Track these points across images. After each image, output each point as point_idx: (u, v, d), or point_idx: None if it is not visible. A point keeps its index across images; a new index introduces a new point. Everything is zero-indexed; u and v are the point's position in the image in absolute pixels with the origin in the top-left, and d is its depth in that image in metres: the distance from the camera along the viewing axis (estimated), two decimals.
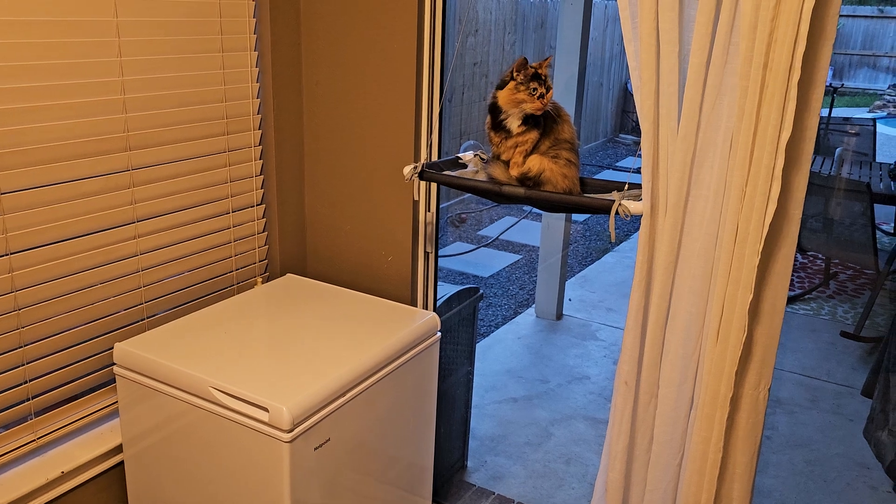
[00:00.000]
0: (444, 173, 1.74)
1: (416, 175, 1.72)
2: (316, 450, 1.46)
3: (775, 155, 1.27)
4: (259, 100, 1.95)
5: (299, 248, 2.17)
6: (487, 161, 1.73)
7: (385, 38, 1.88)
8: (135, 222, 1.72)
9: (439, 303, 2.15)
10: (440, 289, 2.15)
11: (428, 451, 1.88)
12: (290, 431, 1.38)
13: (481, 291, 2.41)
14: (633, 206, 1.45)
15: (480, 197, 1.73)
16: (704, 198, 1.40)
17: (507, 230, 5.42)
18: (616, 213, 1.47)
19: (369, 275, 2.08)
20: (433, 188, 1.99)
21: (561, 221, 3.82)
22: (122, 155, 1.66)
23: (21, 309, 1.53)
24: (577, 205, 1.62)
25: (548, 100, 1.56)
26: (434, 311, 1.99)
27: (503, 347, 3.58)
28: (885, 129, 6.18)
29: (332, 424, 1.49)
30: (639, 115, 1.40)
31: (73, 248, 1.60)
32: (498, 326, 3.83)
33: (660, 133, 1.39)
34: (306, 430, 1.42)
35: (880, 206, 3.84)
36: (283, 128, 2.02)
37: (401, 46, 1.86)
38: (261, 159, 2.00)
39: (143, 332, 1.70)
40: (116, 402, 1.68)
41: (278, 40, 1.94)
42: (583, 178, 1.64)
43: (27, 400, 1.58)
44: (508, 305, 4.12)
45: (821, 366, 3.47)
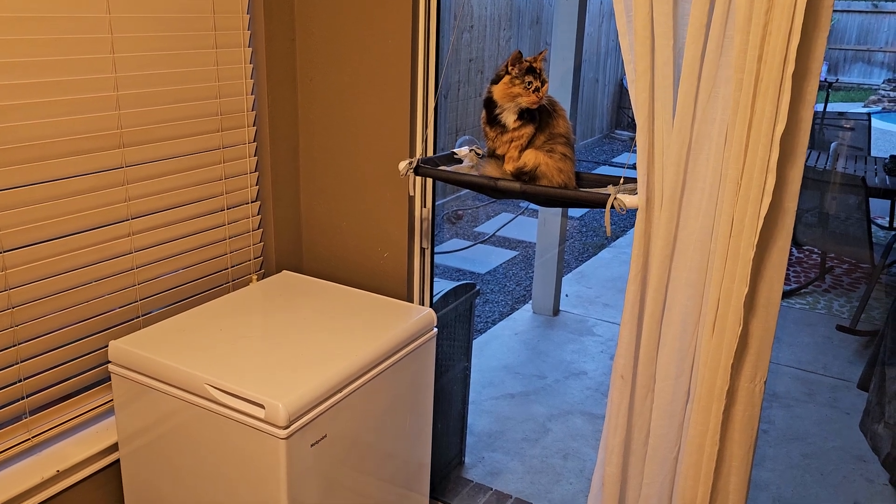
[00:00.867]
0: (440, 168, 1.74)
1: (412, 170, 1.71)
2: (312, 446, 1.46)
3: (770, 147, 1.26)
4: (253, 96, 1.95)
5: (295, 244, 2.16)
6: (483, 156, 1.73)
7: (380, 33, 1.87)
8: (129, 219, 1.71)
9: (436, 299, 2.15)
10: (436, 285, 2.15)
11: (425, 447, 1.88)
12: (286, 428, 1.38)
13: (478, 287, 2.40)
14: (628, 200, 1.45)
15: (476, 192, 1.72)
16: (700, 190, 1.39)
17: (503, 226, 5.42)
18: (611, 207, 1.46)
19: (365, 271, 2.08)
20: (429, 184, 1.99)
21: (557, 217, 3.81)
22: (115, 152, 1.65)
23: (15, 307, 1.52)
24: (573, 199, 1.62)
25: (543, 93, 1.56)
26: (430, 307, 1.98)
27: (500, 343, 3.58)
28: (879, 123, 6.19)
29: (329, 421, 1.48)
30: (634, 108, 1.39)
31: (66, 246, 1.59)
32: (495, 322, 3.83)
33: (655, 126, 1.39)
34: (302, 427, 1.42)
35: (875, 200, 3.86)
36: (277, 124, 2.01)
37: (396, 42, 1.86)
38: (255, 156, 2.00)
39: (138, 330, 1.69)
40: (111, 400, 1.67)
41: (272, 36, 1.94)
42: (578, 173, 1.64)
43: (22, 398, 1.57)
44: (505, 301, 4.12)
45: (817, 360, 3.48)
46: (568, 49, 3.56)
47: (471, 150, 1.79)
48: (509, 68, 1.56)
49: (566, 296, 4.11)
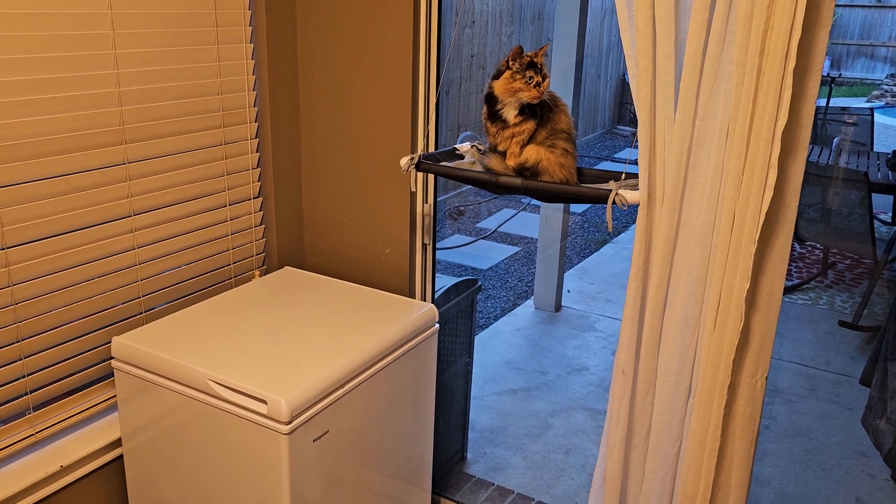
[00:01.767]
0: (441, 164, 1.74)
1: (413, 166, 1.71)
2: (315, 442, 1.46)
3: (772, 142, 1.26)
4: (255, 92, 1.95)
5: (297, 240, 2.17)
6: (484, 152, 1.73)
7: (382, 29, 1.87)
8: (131, 216, 1.71)
9: (437, 295, 2.15)
10: (438, 281, 2.15)
11: (427, 442, 1.88)
12: (288, 423, 1.39)
13: (480, 283, 2.40)
14: (630, 196, 1.45)
15: (478, 187, 1.72)
16: (701, 186, 1.39)
17: (505, 222, 5.42)
18: (613, 202, 1.46)
19: (367, 267, 2.08)
20: (430, 179, 1.99)
21: (559, 213, 3.81)
22: (117, 148, 1.65)
23: (18, 303, 1.53)
24: (574, 194, 1.62)
25: (544, 88, 1.56)
26: (432, 303, 1.99)
27: (502, 339, 3.58)
28: (882, 118, 6.18)
29: (331, 416, 1.49)
30: (635, 103, 1.39)
31: (69, 243, 1.60)
32: (497, 318, 3.83)
33: (656, 121, 1.39)
34: (305, 422, 1.42)
35: (878, 195, 3.85)
36: (279, 120, 2.01)
37: (397, 38, 1.86)
38: (257, 152, 2.00)
39: (141, 326, 1.69)
40: (115, 395, 1.68)
41: (274, 32, 1.94)
42: (580, 169, 1.64)
43: (25, 394, 1.58)
44: (507, 297, 4.12)
45: (819, 355, 3.47)
46: (570, 44, 3.56)
47: (472, 146, 1.79)
48: (510, 63, 1.56)
49: (568, 291, 4.11)
